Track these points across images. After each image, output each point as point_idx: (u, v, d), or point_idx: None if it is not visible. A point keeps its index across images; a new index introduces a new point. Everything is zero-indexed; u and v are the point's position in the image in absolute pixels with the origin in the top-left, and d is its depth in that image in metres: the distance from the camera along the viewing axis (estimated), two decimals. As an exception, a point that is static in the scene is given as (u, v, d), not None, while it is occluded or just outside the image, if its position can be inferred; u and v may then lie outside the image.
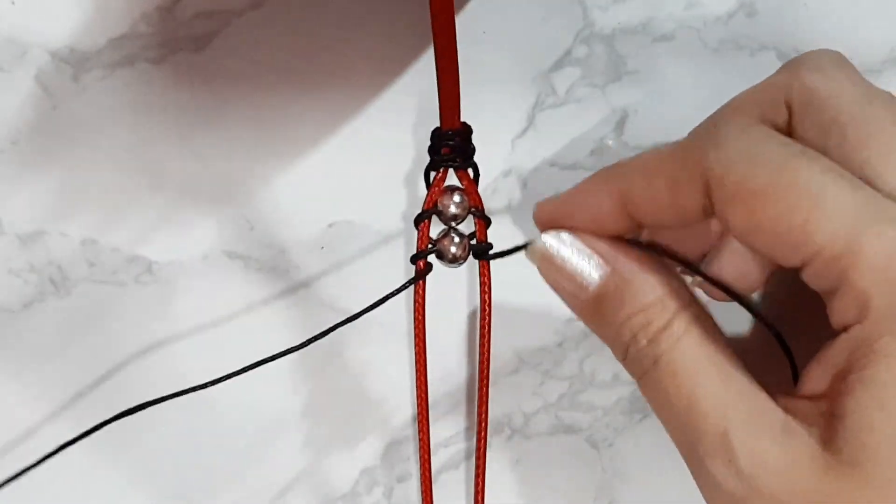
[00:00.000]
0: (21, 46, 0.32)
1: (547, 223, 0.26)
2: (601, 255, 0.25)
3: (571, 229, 0.25)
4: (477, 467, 0.33)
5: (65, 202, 0.33)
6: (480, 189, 0.34)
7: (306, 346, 0.27)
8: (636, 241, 0.25)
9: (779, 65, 0.33)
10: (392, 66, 0.33)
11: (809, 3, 0.33)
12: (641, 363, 0.24)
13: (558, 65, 0.34)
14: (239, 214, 0.34)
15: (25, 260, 0.34)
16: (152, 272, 0.34)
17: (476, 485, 0.29)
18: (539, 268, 0.26)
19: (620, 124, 0.34)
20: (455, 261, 0.28)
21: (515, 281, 0.31)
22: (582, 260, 0.25)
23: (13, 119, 0.32)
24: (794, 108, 0.25)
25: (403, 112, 0.33)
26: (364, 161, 0.34)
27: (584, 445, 0.38)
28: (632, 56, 0.33)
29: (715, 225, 0.29)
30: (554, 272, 0.25)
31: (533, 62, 0.33)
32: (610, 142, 0.34)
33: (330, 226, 0.35)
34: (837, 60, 0.26)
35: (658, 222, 0.24)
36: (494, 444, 0.37)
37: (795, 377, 0.24)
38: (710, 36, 0.33)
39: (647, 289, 0.24)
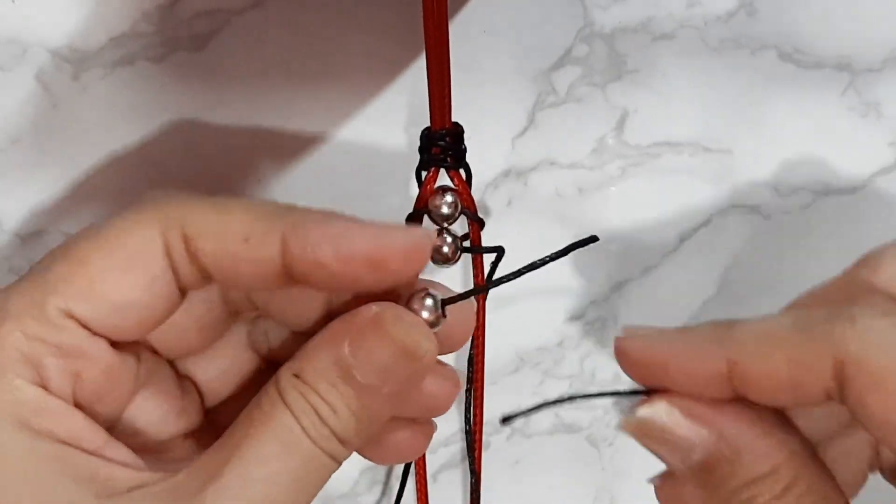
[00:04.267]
0: (21, 45, 0.32)
1: (636, 367, 0.23)
2: (703, 420, 0.22)
3: (666, 392, 0.23)
4: (473, 469, 0.33)
5: (65, 201, 0.33)
6: (481, 188, 0.35)
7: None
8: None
9: (779, 64, 0.34)
10: (392, 65, 0.33)
11: (810, 2, 0.33)
12: None
13: (559, 64, 0.34)
14: (239, 213, 0.34)
15: (26, 258, 0.34)
16: (152, 271, 0.34)
17: (471, 483, 0.29)
18: (635, 438, 0.23)
19: (621, 123, 0.34)
20: (446, 261, 0.28)
21: (515, 280, 0.31)
22: (682, 429, 0.22)
23: (14, 118, 0.32)
24: None
25: (405, 111, 0.33)
26: (364, 160, 0.34)
27: (585, 445, 0.38)
28: (632, 55, 0.33)
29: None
30: (653, 443, 0.23)
31: (533, 61, 0.33)
32: (610, 141, 0.34)
33: (330, 225, 0.35)
34: None
35: (769, 401, 0.22)
36: (494, 444, 0.37)
37: None
38: (710, 35, 0.33)
39: (764, 455, 0.21)
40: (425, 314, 0.22)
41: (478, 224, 0.28)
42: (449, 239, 0.27)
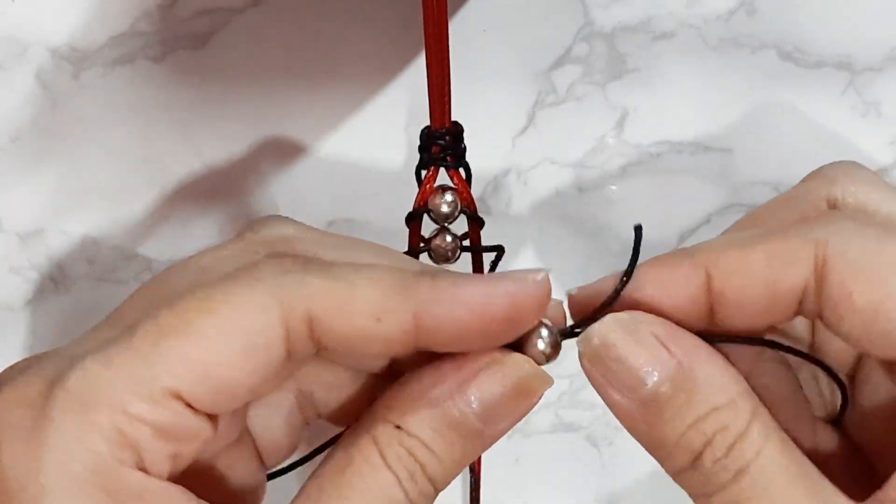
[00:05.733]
0: (21, 44, 0.32)
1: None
2: (666, 345, 0.21)
3: (635, 307, 0.22)
4: (473, 468, 0.33)
5: (65, 200, 0.33)
6: (481, 187, 0.34)
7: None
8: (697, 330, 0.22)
9: (779, 63, 0.33)
10: (392, 64, 0.33)
11: (810, 1, 0.33)
12: (717, 476, 0.20)
13: (559, 63, 0.33)
14: (239, 212, 0.34)
15: (26, 257, 0.34)
16: (152, 270, 0.34)
17: (471, 483, 0.29)
18: (586, 358, 0.22)
19: (620, 122, 0.34)
20: (446, 261, 0.28)
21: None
22: (643, 349, 0.21)
23: (13, 117, 0.32)
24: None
25: (405, 109, 0.33)
26: (364, 158, 0.34)
27: (585, 444, 0.38)
28: (632, 54, 0.33)
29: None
30: (605, 363, 0.22)
31: (533, 60, 0.33)
32: (610, 140, 0.34)
33: (330, 223, 0.35)
34: (867, 171, 0.24)
35: (744, 309, 0.21)
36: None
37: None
38: (710, 34, 0.33)
39: (721, 387, 0.21)
40: (541, 346, 0.22)
41: (478, 223, 0.28)
42: (449, 238, 0.28)
